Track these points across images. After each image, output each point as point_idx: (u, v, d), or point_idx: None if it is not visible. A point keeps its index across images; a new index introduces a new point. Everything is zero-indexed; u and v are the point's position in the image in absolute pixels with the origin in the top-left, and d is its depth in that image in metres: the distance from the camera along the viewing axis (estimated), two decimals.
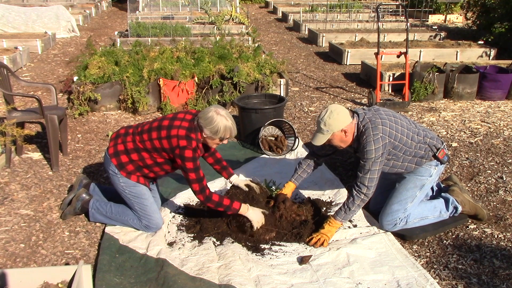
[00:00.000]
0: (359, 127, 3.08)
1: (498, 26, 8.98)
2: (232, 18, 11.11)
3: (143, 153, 3.10)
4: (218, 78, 5.75)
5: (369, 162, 3.03)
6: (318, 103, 6.33)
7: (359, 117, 3.10)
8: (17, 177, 4.12)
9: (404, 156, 3.17)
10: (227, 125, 2.97)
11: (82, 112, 5.58)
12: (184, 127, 2.99)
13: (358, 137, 3.10)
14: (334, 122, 3.02)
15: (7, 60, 7.16)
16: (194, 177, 2.98)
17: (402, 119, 3.19)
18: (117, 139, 3.21)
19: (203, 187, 3.02)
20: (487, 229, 3.36)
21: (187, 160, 2.94)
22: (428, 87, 6.20)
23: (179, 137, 2.95)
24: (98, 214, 3.36)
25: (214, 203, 3.05)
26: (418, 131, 3.19)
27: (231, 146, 4.82)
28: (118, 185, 3.20)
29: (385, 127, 3.04)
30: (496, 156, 4.60)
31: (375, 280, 2.79)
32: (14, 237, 3.26)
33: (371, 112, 3.13)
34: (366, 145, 3.01)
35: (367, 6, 14.21)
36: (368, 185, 3.07)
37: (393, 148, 3.10)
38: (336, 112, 3.03)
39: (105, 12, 15.11)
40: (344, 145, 3.16)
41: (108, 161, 3.19)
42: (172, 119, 3.07)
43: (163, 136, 3.00)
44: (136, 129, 3.17)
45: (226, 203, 3.07)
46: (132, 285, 2.74)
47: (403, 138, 3.10)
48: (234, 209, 3.09)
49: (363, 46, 9.02)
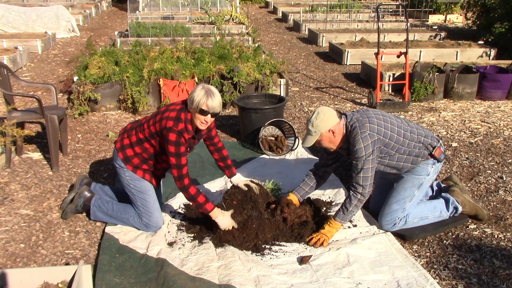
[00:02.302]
0: (347, 127, 3.13)
1: (498, 26, 8.98)
2: (232, 18, 11.11)
3: (145, 144, 3.15)
4: (218, 78, 5.75)
5: (360, 161, 3.05)
6: (318, 103, 6.33)
7: (347, 118, 3.15)
8: (17, 177, 4.12)
9: (398, 154, 3.17)
10: (204, 95, 2.94)
11: (82, 112, 5.58)
12: (176, 109, 3.04)
13: (347, 137, 3.13)
14: (321, 123, 3.06)
15: (7, 60, 7.16)
16: (174, 162, 3.00)
17: (391, 117, 3.22)
18: (124, 134, 3.29)
19: (182, 174, 3.02)
20: (487, 229, 3.36)
21: (170, 143, 2.97)
22: (428, 87, 6.20)
23: (168, 118, 2.99)
24: (99, 212, 3.37)
25: (189, 195, 3.05)
26: (411, 129, 3.21)
27: (231, 146, 4.82)
28: (124, 178, 3.23)
29: (372, 125, 3.07)
30: (496, 156, 4.60)
31: (375, 280, 2.79)
32: (14, 237, 3.26)
33: (359, 113, 3.18)
34: (356, 144, 3.05)
35: (367, 6, 14.21)
36: (363, 184, 3.08)
37: (385, 146, 3.11)
38: (322, 113, 3.08)
39: (105, 12, 15.11)
40: (333, 146, 3.18)
41: (115, 155, 3.26)
42: (170, 105, 3.15)
43: (157, 120, 3.06)
44: (140, 122, 3.24)
45: (200, 200, 3.07)
46: (132, 285, 2.74)
47: (393, 136, 3.12)
48: (205, 209, 3.08)
49: (363, 46, 9.02)
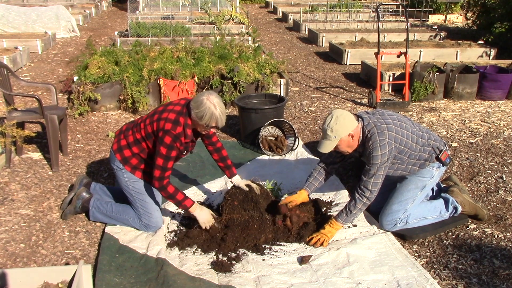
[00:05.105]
0: (364, 132, 3.06)
1: (498, 26, 8.98)
2: (232, 18, 11.11)
3: (143, 144, 3.14)
4: (218, 78, 5.75)
5: (374, 167, 3.02)
6: (318, 103, 6.33)
7: (363, 121, 3.08)
8: (17, 177, 4.12)
9: (409, 159, 3.16)
10: (214, 113, 2.92)
11: (82, 112, 5.58)
12: (176, 111, 3.02)
13: (363, 142, 3.08)
14: (341, 127, 2.98)
15: (7, 60, 7.16)
16: (159, 164, 2.99)
17: (406, 122, 3.17)
18: (120, 135, 3.27)
19: (163, 177, 3.02)
20: (487, 229, 3.36)
21: (163, 145, 2.96)
22: (428, 87, 6.20)
23: (167, 119, 2.97)
24: (98, 213, 3.37)
25: (167, 193, 3.06)
26: (422, 134, 3.19)
27: (231, 146, 4.82)
28: (122, 180, 3.22)
29: (391, 132, 3.02)
30: (496, 156, 4.60)
31: (375, 280, 2.79)
32: (14, 237, 3.26)
33: (376, 117, 3.11)
34: (373, 151, 3.00)
35: (367, 6, 14.20)
36: (372, 189, 3.06)
37: (399, 152, 3.09)
38: (342, 117, 2.99)
39: (105, 12, 15.11)
40: (350, 150, 3.13)
41: (113, 157, 3.24)
42: (168, 104, 3.13)
43: (155, 119, 3.05)
44: (136, 122, 3.23)
45: (179, 198, 3.07)
46: (132, 285, 2.74)
47: (408, 142, 3.09)
48: (184, 206, 3.10)
49: (363, 46, 9.02)
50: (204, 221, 3.12)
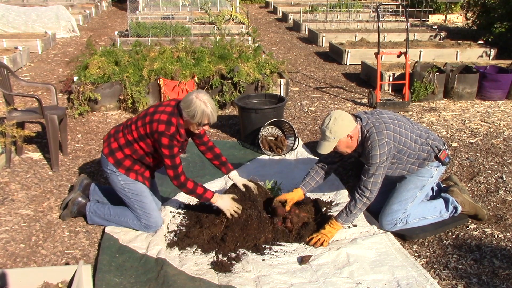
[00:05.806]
0: (363, 132, 3.07)
1: (498, 26, 8.98)
2: (232, 18, 11.11)
3: (135, 145, 3.14)
4: (218, 78, 5.75)
5: (373, 167, 3.03)
6: (318, 103, 6.33)
7: (362, 122, 3.09)
8: (17, 177, 4.12)
9: (408, 159, 3.17)
10: (205, 111, 2.96)
11: (82, 112, 5.58)
12: (167, 112, 3.03)
13: (362, 142, 3.09)
14: (339, 128, 2.99)
15: (7, 60, 7.16)
16: (169, 164, 3.04)
17: (405, 121, 3.18)
18: (109, 139, 3.25)
19: (178, 174, 3.07)
20: (487, 229, 3.36)
21: (163, 147, 3.00)
22: (428, 87, 6.20)
23: (159, 121, 2.99)
24: (95, 217, 3.36)
25: (187, 189, 3.12)
26: (420, 133, 3.19)
27: (231, 146, 4.82)
28: (117, 183, 3.21)
29: (389, 132, 3.03)
30: (496, 156, 4.60)
31: (375, 280, 2.79)
32: (14, 237, 3.26)
33: (374, 116, 3.12)
34: (372, 150, 3.01)
35: (367, 6, 14.20)
36: (371, 189, 3.07)
37: (398, 152, 3.09)
38: (340, 118, 3.01)
39: (105, 12, 15.11)
40: (349, 150, 3.14)
41: (105, 161, 3.21)
42: (158, 106, 3.13)
43: (147, 122, 3.05)
44: (125, 124, 3.23)
45: (199, 192, 3.13)
46: (132, 285, 2.74)
47: (407, 142, 3.10)
48: (205, 198, 3.15)
49: (363, 46, 9.02)
50: (228, 208, 3.15)
